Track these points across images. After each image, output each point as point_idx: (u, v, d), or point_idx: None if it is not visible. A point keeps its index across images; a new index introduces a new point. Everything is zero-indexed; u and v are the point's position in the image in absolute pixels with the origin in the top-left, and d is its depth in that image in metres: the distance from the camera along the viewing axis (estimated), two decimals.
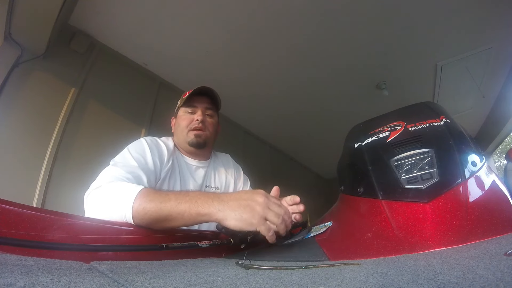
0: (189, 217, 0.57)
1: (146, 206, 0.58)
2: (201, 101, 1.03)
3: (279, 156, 4.17)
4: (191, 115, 1.01)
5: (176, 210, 0.57)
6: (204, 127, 1.01)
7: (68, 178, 1.76)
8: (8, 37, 1.70)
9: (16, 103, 1.70)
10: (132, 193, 0.60)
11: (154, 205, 0.58)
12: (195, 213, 0.56)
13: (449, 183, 0.54)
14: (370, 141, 0.71)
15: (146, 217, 0.58)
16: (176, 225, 0.60)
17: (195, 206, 0.57)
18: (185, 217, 0.57)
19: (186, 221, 0.58)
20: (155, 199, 0.59)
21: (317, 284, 0.33)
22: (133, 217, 0.58)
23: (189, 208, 0.57)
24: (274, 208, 0.56)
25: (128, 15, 2.01)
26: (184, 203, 0.57)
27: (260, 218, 0.54)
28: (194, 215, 0.57)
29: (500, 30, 2.28)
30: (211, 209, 0.56)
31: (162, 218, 0.57)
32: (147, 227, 0.59)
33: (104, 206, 0.63)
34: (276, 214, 0.55)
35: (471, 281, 0.27)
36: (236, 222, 0.54)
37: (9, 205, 0.42)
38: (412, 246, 0.47)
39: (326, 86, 2.91)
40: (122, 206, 0.59)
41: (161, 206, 0.57)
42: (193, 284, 0.33)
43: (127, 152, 0.82)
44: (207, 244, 0.55)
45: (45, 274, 0.30)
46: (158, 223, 0.58)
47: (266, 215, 0.54)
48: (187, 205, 0.57)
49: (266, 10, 2.02)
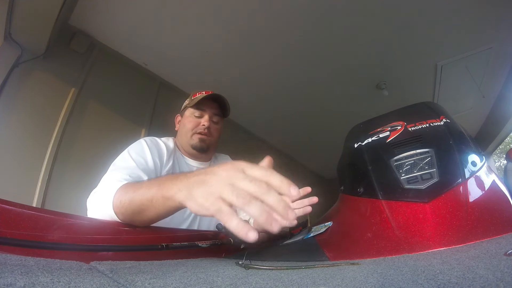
0: (157, 203, 0.47)
1: (122, 198, 0.55)
2: (211, 106, 1.03)
3: (279, 156, 4.16)
4: (198, 119, 1.01)
5: (146, 196, 0.49)
6: (209, 133, 1.00)
7: (68, 178, 1.77)
8: (8, 37, 1.70)
9: (16, 103, 1.70)
10: (113, 189, 0.59)
11: (128, 196, 0.54)
12: (161, 196, 0.46)
13: (449, 183, 0.54)
14: (370, 141, 0.71)
15: (123, 210, 0.54)
16: (151, 217, 0.52)
17: (161, 189, 0.46)
18: (154, 203, 0.48)
19: (157, 208, 0.48)
20: (130, 190, 0.55)
21: (317, 284, 0.33)
22: (115, 212, 0.56)
23: (156, 192, 0.47)
24: (243, 182, 0.35)
25: (128, 15, 2.01)
26: (153, 187, 0.48)
27: (214, 199, 0.35)
28: (160, 199, 0.46)
29: (500, 30, 2.28)
30: (173, 190, 0.43)
31: (137, 209, 0.52)
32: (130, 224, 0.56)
33: (97, 208, 0.63)
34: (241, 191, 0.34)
35: (471, 281, 0.27)
36: (193, 204, 0.38)
37: (9, 205, 0.42)
38: (412, 246, 0.47)
39: (326, 86, 2.91)
40: (106, 204, 0.58)
41: (134, 195, 0.52)
42: (193, 284, 0.33)
43: (127, 154, 0.82)
44: (207, 244, 0.55)
45: (45, 274, 0.30)
46: (135, 216, 0.54)
47: (222, 194, 0.35)
48: (155, 190, 0.48)
49: (265, 10, 2.02)
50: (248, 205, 0.33)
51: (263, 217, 0.32)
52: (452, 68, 2.70)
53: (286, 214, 0.33)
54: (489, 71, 2.76)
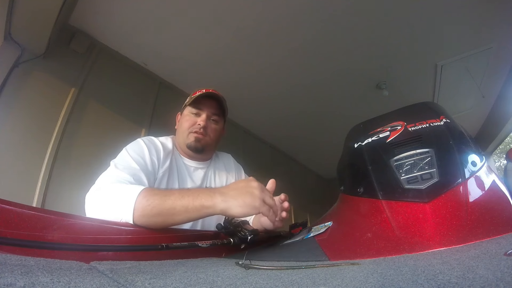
0: (193, 209, 0.58)
1: (149, 198, 0.59)
2: (209, 105, 1.00)
3: (279, 156, 4.17)
4: (195, 117, 0.99)
5: (179, 203, 0.58)
6: (205, 132, 0.98)
7: (68, 178, 1.76)
8: (8, 37, 1.70)
9: (16, 103, 1.70)
10: (135, 191, 0.61)
11: (157, 198, 0.59)
12: (199, 205, 0.58)
13: (449, 183, 0.54)
14: (370, 141, 0.71)
15: (149, 210, 0.58)
16: (179, 220, 0.60)
17: (198, 199, 0.59)
18: (189, 209, 0.58)
19: (190, 213, 0.59)
20: (159, 193, 0.61)
21: (317, 284, 0.33)
22: (134, 211, 0.58)
23: (192, 200, 0.58)
24: (266, 191, 0.63)
25: (128, 15, 2.01)
26: (187, 196, 0.59)
27: (260, 200, 0.59)
28: (198, 207, 0.58)
29: (500, 30, 2.28)
30: (215, 201, 0.58)
31: (165, 211, 0.58)
32: (147, 226, 0.59)
33: (105, 206, 0.63)
34: (270, 196, 0.62)
35: (471, 281, 0.27)
36: (241, 208, 0.57)
37: (9, 205, 0.42)
38: (412, 246, 0.47)
39: (326, 86, 2.91)
40: (123, 205, 0.59)
41: (165, 199, 0.59)
42: (193, 284, 0.33)
43: (126, 154, 0.82)
44: (207, 244, 0.55)
45: (45, 274, 0.30)
46: (160, 218, 0.59)
47: (263, 198, 0.60)
48: (190, 198, 0.59)
49: (266, 11, 2.02)
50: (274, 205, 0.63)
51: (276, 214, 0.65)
52: (452, 68, 2.70)
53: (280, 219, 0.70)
54: (489, 71, 2.76)
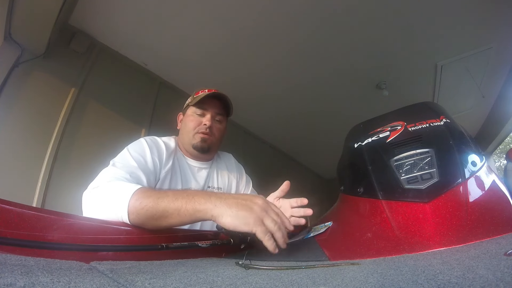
0: (185, 213, 0.55)
1: (143, 201, 0.57)
2: (213, 105, 1.00)
3: (279, 156, 4.17)
4: (200, 118, 0.99)
5: (173, 206, 0.55)
6: (211, 133, 0.98)
7: (68, 178, 1.77)
8: (8, 37, 1.70)
9: (16, 103, 1.71)
10: (130, 190, 0.60)
11: (151, 200, 0.57)
12: (191, 208, 0.55)
13: (449, 183, 0.54)
14: (370, 141, 0.71)
15: (142, 213, 0.56)
16: (172, 223, 0.57)
17: (192, 202, 0.55)
18: (181, 213, 0.55)
19: (182, 217, 0.55)
20: (153, 195, 0.58)
21: (317, 284, 0.33)
22: (129, 213, 0.57)
23: (185, 203, 0.55)
24: (272, 214, 0.55)
25: (128, 15, 2.01)
26: (181, 199, 0.56)
27: (256, 218, 0.52)
28: (190, 210, 0.55)
29: (500, 30, 2.28)
30: (208, 205, 0.54)
31: (159, 214, 0.56)
32: (141, 226, 0.58)
33: (101, 204, 0.62)
34: (273, 220, 0.53)
35: (471, 281, 0.27)
36: (231, 219, 0.51)
37: (9, 205, 0.42)
38: (412, 246, 0.47)
39: (326, 86, 2.91)
40: (118, 203, 0.58)
41: (158, 201, 0.56)
42: (193, 284, 0.33)
43: (127, 153, 0.82)
44: (207, 244, 0.55)
45: (45, 274, 0.30)
46: (153, 220, 0.57)
47: (263, 218, 0.53)
48: (184, 201, 0.55)
49: (266, 10, 2.02)
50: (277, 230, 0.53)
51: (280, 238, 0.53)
52: (452, 68, 2.70)
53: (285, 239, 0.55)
54: (489, 71, 2.76)
